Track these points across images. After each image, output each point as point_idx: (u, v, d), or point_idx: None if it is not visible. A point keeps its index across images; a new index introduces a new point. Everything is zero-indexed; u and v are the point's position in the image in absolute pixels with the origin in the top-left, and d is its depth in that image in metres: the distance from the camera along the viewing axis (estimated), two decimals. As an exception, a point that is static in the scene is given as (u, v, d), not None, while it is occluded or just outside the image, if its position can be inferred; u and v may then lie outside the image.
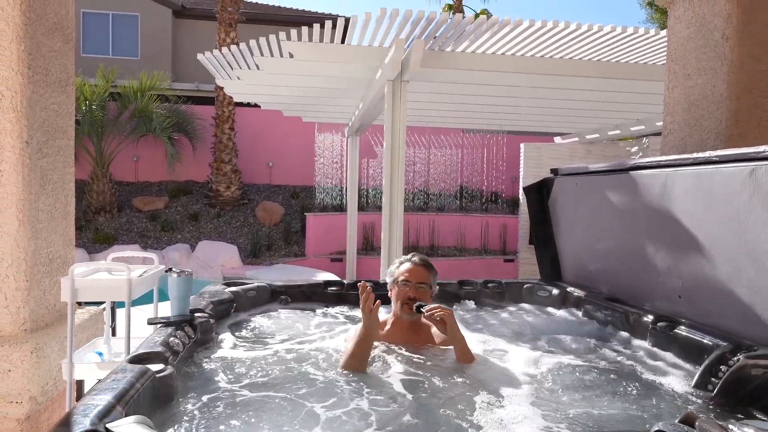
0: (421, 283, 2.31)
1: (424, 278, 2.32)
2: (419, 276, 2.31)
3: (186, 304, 2.26)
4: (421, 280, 2.31)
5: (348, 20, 4.56)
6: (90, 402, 1.39)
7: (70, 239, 2.90)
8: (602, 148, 9.10)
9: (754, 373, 1.83)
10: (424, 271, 2.34)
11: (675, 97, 3.02)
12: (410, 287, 2.29)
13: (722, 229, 2.15)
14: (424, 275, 2.33)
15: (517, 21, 4.40)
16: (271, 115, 9.60)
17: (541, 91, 6.10)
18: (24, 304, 2.47)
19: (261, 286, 3.07)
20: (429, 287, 2.34)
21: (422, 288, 2.31)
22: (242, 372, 2.04)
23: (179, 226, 10.86)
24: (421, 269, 2.34)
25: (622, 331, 2.62)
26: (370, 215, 10.43)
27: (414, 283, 2.30)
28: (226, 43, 10.82)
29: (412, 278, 2.30)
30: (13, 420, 2.39)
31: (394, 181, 4.93)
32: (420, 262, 2.37)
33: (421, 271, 2.33)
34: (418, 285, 2.30)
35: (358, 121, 7.89)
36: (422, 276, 2.32)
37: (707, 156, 2.20)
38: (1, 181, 2.43)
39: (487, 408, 1.78)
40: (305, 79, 6.03)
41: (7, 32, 2.40)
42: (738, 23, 2.66)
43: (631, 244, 2.78)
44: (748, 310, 2.05)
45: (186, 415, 1.66)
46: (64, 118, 2.82)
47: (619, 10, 59.22)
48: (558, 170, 3.43)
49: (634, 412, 1.83)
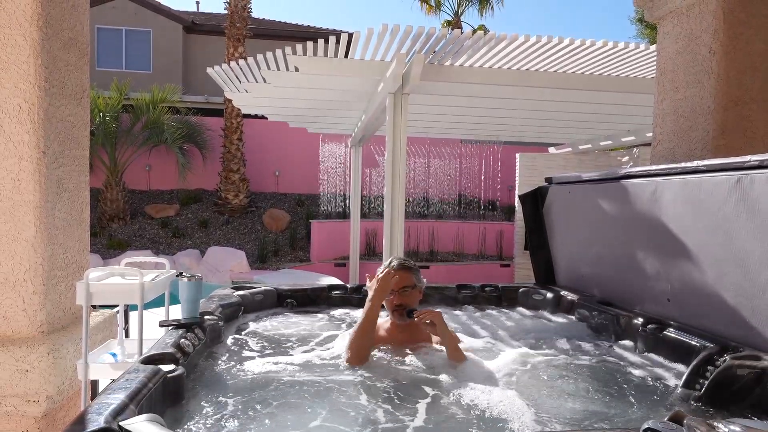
0: (404, 288, 2.32)
1: (406, 282, 2.32)
2: (401, 281, 2.31)
3: (196, 307, 2.30)
4: (403, 285, 2.31)
5: (351, 35, 4.64)
6: (104, 401, 1.41)
7: (85, 245, 2.93)
8: (594, 157, 9.13)
9: (739, 373, 1.86)
10: (404, 274, 2.33)
11: (664, 109, 3.06)
12: (395, 295, 2.31)
13: (709, 236, 2.17)
14: (405, 279, 2.32)
15: (513, 36, 4.47)
16: (277, 126, 9.71)
17: (536, 103, 6.16)
18: (41, 307, 2.50)
19: (268, 290, 3.12)
20: (413, 287, 2.35)
21: (406, 292, 2.32)
22: (249, 372, 2.07)
23: (190, 233, 10.97)
24: (401, 273, 2.32)
25: (613, 333, 2.65)
26: (373, 222, 10.48)
27: (397, 290, 2.31)
28: (234, 57, 10.98)
29: (394, 286, 2.31)
30: (31, 418, 2.43)
31: (395, 190, 4.99)
32: (398, 266, 2.35)
33: (402, 276, 2.32)
34: (402, 291, 2.31)
35: (361, 132, 7.97)
36: (404, 280, 2.32)
37: (695, 165, 2.22)
38: (19, 190, 2.46)
39: (480, 405, 1.81)
40: (310, 92, 6.12)
41: (24, 47, 2.44)
42: (724, 38, 2.71)
43: (622, 249, 2.80)
44: (734, 312, 2.07)
45: (196, 414, 1.70)
46: (80, 129, 2.86)
47: (611, 25, 59.53)
48: (552, 179, 3.45)
49: (624, 411, 1.86)
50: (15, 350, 2.42)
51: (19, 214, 2.49)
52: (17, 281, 2.50)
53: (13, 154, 2.48)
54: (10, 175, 2.48)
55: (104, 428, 1.27)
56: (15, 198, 2.49)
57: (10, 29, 2.45)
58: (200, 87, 14.82)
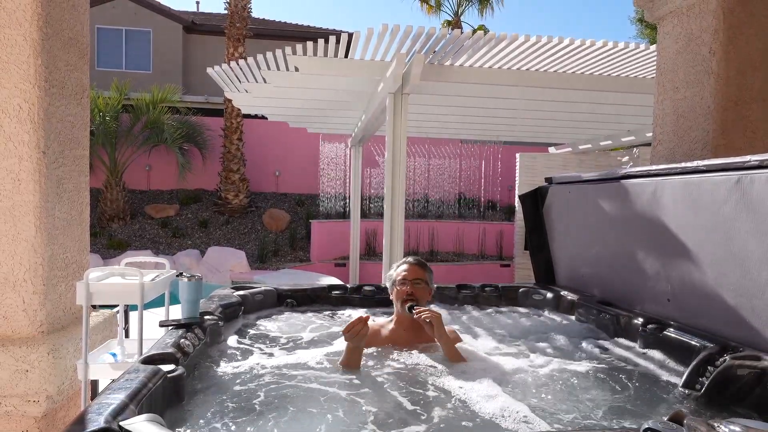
0: (417, 279, 2.43)
1: (419, 275, 2.45)
2: (415, 273, 2.45)
3: (196, 307, 2.30)
4: (416, 277, 2.44)
5: (351, 35, 4.64)
6: (104, 401, 1.41)
7: (85, 245, 2.93)
8: (594, 157, 9.13)
9: (740, 373, 1.86)
10: (418, 269, 2.47)
11: (664, 109, 3.06)
12: (407, 284, 2.41)
13: (709, 235, 2.17)
14: (419, 273, 2.46)
15: (513, 36, 4.47)
16: (277, 126, 9.73)
17: (536, 103, 6.16)
18: (41, 307, 2.50)
19: (268, 290, 3.12)
20: (426, 283, 2.46)
21: (419, 284, 2.43)
22: (249, 372, 2.08)
23: (190, 233, 10.99)
24: (416, 267, 2.47)
25: (613, 333, 2.65)
26: (373, 222, 10.50)
27: (410, 280, 2.42)
28: (234, 57, 11.00)
29: (408, 276, 2.44)
30: (31, 418, 2.43)
31: (395, 190, 5.00)
32: (414, 261, 2.51)
33: (416, 269, 2.47)
34: (415, 281, 2.42)
35: (361, 132, 7.98)
36: (417, 273, 2.45)
37: (695, 165, 2.22)
38: (19, 190, 2.46)
39: (480, 405, 1.81)
40: (310, 92, 6.13)
41: (25, 47, 2.44)
42: (724, 39, 2.71)
43: (622, 249, 2.80)
44: (734, 312, 2.07)
45: (196, 414, 1.70)
46: (80, 129, 2.85)
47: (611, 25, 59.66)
48: (552, 179, 3.45)
49: (624, 410, 1.86)
50: (15, 350, 2.42)
51: (19, 214, 2.49)
52: (17, 281, 2.50)
53: (13, 154, 2.48)
54: (10, 175, 2.48)
55: (104, 428, 1.27)
56: (15, 198, 2.49)
57: (10, 29, 2.45)
58: (200, 87, 14.84)
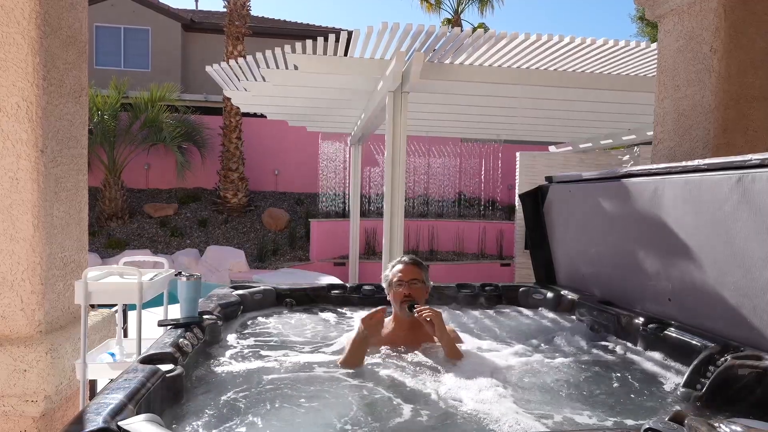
0: (414, 280, 2.41)
1: (416, 275, 2.43)
2: (411, 273, 2.42)
3: (195, 306, 2.31)
4: (413, 277, 2.41)
5: (351, 34, 4.64)
6: (103, 401, 1.41)
7: (83, 244, 2.91)
8: (595, 156, 9.13)
9: (741, 373, 1.85)
10: (414, 268, 2.45)
11: (665, 107, 3.06)
12: (404, 286, 2.39)
13: (710, 235, 2.17)
14: (415, 272, 2.43)
15: (513, 34, 4.47)
16: (276, 124, 9.72)
17: (536, 101, 6.16)
18: (39, 306, 2.48)
19: (267, 289, 3.13)
20: (422, 283, 2.44)
21: (415, 284, 2.41)
22: (248, 372, 2.08)
23: (188, 232, 10.99)
24: (412, 267, 2.45)
25: (614, 332, 2.65)
26: (372, 221, 10.49)
27: (407, 281, 2.40)
28: (233, 55, 10.99)
29: (404, 277, 2.41)
30: (29, 418, 2.42)
31: (395, 189, 5.00)
32: (409, 261, 2.49)
33: (412, 269, 2.44)
34: (412, 282, 2.40)
35: (361, 130, 7.97)
36: (414, 273, 2.43)
37: (696, 164, 2.22)
38: (17, 189, 2.45)
39: (480, 405, 1.82)
40: (309, 91, 6.12)
41: (23, 45, 2.42)
42: (725, 37, 2.71)
43: (622, 248, 2.80)
44: (735, 312, 2.07)
45: (194, 413, 1.70)
46: (78, 128, 2.84)
47: (611, 24, 59.70)
48: (552, 178, 3.45)
49: (625, 410, 1.87)
50: (13, 350, 2.41)
51: (17, 213, 2.47)
52: (15, 281, 2.49)
53: (11, 153, 2.46)
54: (8, 173, 2.47)
55: (103, 428, 1.27)
56: (13, 197, 2.48)
57: (8, 27, 2.44)
58: (199, 85, 14.82)
